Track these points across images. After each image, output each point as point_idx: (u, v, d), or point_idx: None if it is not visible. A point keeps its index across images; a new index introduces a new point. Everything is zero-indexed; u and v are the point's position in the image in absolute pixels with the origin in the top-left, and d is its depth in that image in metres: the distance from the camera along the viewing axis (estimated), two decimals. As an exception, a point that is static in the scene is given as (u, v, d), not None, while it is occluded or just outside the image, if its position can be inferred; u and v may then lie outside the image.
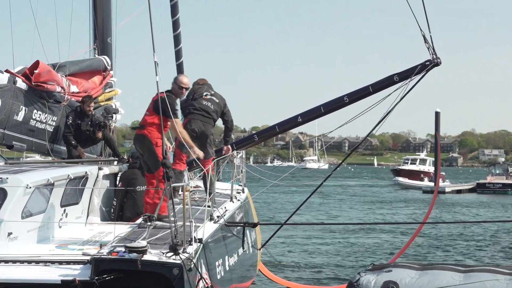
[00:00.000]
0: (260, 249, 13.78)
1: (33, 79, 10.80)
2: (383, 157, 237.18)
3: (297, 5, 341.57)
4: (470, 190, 60.22)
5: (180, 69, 20.48)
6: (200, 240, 7.97)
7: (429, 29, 10.64)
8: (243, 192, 14.18)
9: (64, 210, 9.24)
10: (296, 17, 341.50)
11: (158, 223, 8.66)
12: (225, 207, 10.93)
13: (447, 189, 57.52)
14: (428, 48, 10.89)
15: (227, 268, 9.78)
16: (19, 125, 10.80)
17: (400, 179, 69.72)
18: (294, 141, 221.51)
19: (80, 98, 12.21)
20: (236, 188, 14.14)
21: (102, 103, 13.77)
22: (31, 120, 11.13)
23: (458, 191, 59.22)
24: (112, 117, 13.96)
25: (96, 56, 14.01)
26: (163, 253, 7.21)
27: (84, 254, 7.62)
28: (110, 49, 14.60)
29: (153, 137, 9.44)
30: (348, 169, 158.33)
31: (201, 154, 10.00)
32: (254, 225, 10.12)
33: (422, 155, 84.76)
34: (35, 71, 10.81)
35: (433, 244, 22.80)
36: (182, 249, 7.31)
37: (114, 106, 14.17)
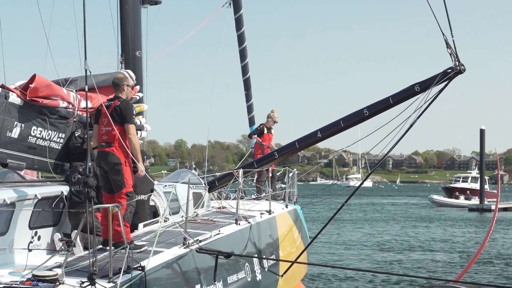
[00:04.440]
0: (282, 275, 12.79)
1: (28, 93, 10.16)
2: (427, 175, 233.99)
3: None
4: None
5: (247, 85, 19.83)
6: (142, 268, 7.22)
7: (451, 32, 9.67)
8: (270, 213, 13.34)
9: (36, 233, 8.58)
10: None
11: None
12: (218, 231, 10.12)
13: (493, 207, 55.99)
14: (450, 54, 9.93)
15: None
16: (14, 142, 10.12)
17: (435, 197, 68.25)
18: (338, 159, 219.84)
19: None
20: (259, 209, 13.31)
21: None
22: (30, 137, 10.48)
23: (505, 209, 57.71)
24: None
25: (122, 70, 13.41)
26: (82, 283, 6.53)
27: None
28: (140, 63, 14.01)
29: (122, 155, 8.78)
30: (392, 186, 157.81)
31: (143, 169, 9.27)
32: (227, 256, 9.23)
33: (474, 173, 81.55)
34: (30, 85, 10.18)
35: (492, 264, 22.14)
36: (109, 278, 6.64)
37: (139, 123, 13.50)
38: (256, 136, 17.39)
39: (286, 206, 15.29)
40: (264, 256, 11.84)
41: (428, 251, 26.05)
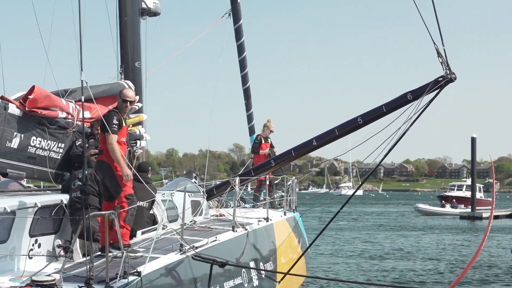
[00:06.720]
0: (279, 282, 12.93)
1: (27, 104, 10.36)
2: (418, 183, 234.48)
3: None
4: (508, 216, 59.18)
5: (247, 94, 20.05)
6: (138, 274, 7.40)
7: (442, 41, 9.94)
8: (267, 220, 13.50)
9: (36, 240, 8.75)
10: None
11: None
12: (215, 238, 10.28)
13: (484, 215, 56.30)
14: (441, 63, 10.19)
15: None
16: (14, 152, 10.32)
17: (421, 205, 68.30)
18: (329, 168, 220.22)
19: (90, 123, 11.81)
20: (256, 217, 13.47)
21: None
22: (29, 147, 10.66)
23: (496, 217, 57.94)
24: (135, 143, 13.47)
25: (122, 81, 13.58)
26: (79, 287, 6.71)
27: None
28: (139, 74, 14.20)
29: (111, 161, 9.02)
30: (383, 195, 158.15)
31: (129, 173, 9.33)
32: (221, 265, 9.42)
33: (468, 181, 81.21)
34: (29, 96, 10.38)
35: (486, 272, 22.30)
36: (105, 283, 6.82)
37: (138, 132, 13.66)
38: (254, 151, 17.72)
39: (285, 214, 15.45)
40: (261, 263, 12.00)
41: (421, 260, 26.16)
